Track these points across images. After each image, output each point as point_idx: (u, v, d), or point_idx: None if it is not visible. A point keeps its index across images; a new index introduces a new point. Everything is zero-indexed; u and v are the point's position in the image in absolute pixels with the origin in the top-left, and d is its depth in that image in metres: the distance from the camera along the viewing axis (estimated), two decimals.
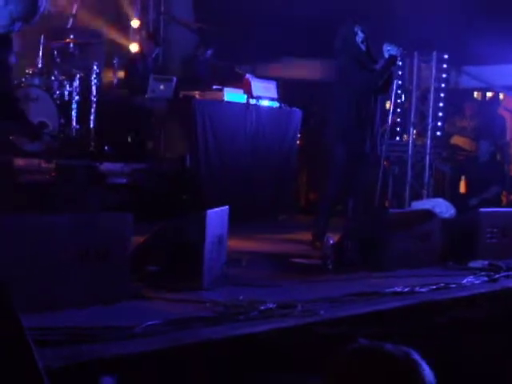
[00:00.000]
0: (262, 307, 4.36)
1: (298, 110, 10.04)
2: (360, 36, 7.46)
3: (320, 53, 10.87)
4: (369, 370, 1.85)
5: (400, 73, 11.52)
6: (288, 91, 10.28)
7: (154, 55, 10.75)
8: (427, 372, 1.87)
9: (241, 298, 4.57)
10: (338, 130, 7.45)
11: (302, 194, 11.36)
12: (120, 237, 4.52)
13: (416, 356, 1.89)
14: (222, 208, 5.38)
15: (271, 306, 4.40)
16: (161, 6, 12.24)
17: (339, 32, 7.61)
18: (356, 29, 7.46)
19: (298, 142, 10.30)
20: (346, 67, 7.47)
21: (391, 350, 1.89)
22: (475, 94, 12.56)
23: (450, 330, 4.82)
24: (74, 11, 9.70)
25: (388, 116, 11.26)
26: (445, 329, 4.79)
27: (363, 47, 7.49)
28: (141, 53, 10.95)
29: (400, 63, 7.60)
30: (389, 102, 11.52)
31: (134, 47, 11.38)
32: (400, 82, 11.53)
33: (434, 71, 11.04)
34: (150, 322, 3.87)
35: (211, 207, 5.20)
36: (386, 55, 7.44)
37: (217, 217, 5.22)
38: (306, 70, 11.83)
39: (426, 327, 4.70)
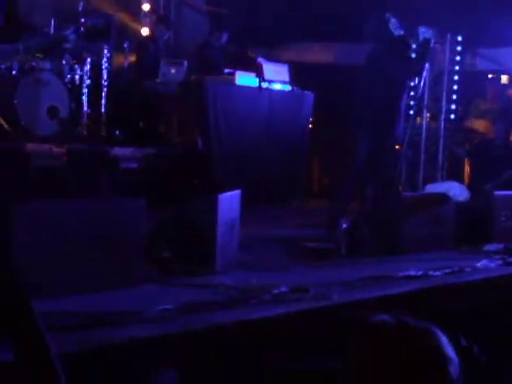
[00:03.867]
0: (275, 291, 4.34)
1: (310, 93, 9.97)
2: (393, 22, 7.32)
3: (334, 36, 10.82)
4: (392, 344, 1.83)
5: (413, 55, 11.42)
6: (301, 74, 10.20)
7: (165, 39, 10.69)
8: (450, 347, 1.85)
9: (253, 281, 4.55)
10: (364, 119, 7.34)
11: (314, 178, 11.31)
12: (133, 222, 4.53)
13: (439, 331, 1.87)
14: (233, 192, 5.35)
15: (284, 289, 4.38)
16: None
17: (370, 20, 7.47)
18: (387, 15, 7.33)
19: (309, 125, 10.24)
20: (381, 55, 7.31)
21: (415, 325, 1.87)
22: (489, 76, 12.41)
23: (465, 313, 4.78)
24: None
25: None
26: (460, 312, 4.75)
27: (399, 32, 7.35)
28: (151, 36, 10.89)
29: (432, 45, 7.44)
30: None
31: (144, 31, 11.32)
32: None
33: (447, 53, 10.94)
34: (162, 306, 3.86)
35: (223, 191, 5.17)
36: (421, 38, 7.32)
37: (229, 201, 5.20)
38: (319, 53, 11.75)
39: (441, 311, 4.65)
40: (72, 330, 3.41)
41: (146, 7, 11.63)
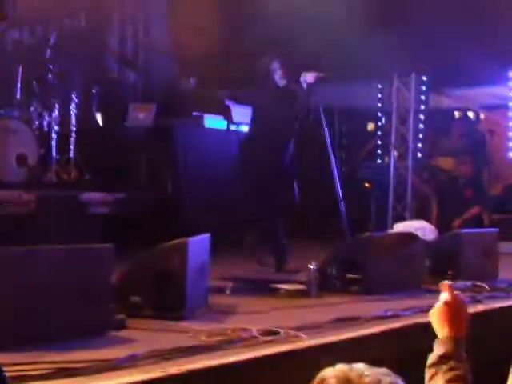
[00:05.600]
0: (246, 335, 4.34)
1: None
2: (278, 73, 7.43)
3: None
4: None
5: (380, 95, 11.60)
6: None
7: (131, 81, 10.75)
8: None
9: (224, 325, 4.55)
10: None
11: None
12: (102, 268, 4.51)
13: (399, 381, 1.88)
14: (203, 236, 5.37)
15: (255, 333, 4.38)
16: (139, 35, 12.25)
17: (257, 66, 7.59)
18: (275, 65, 7.43)
19: None
20: (262, 103, 7.49)
21: (372, 375, 1.88)
22: (456, 113, 12.61)
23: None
24: (52, 42, 9.67)
25: (369, 138, 11.34)
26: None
27: (283, 83, 7.45)
28: (120, 80, 10.95)
29: (318, 88, 7.49)
30: (372, 124, 11.60)
31: (113, 75, 11.37)
32: (380, 105, 11.61)
33: (412, 93, 11.10)
34: (133, 353, 3.84)
35: (193, 234, 5.19)
36: (304, 85, 7.42)
37: (198, 245, 5.21)
38: None
39: (411, 351, 4.68)
40: (43, 379, 3.38)
41: (114, 52, 11.68)
